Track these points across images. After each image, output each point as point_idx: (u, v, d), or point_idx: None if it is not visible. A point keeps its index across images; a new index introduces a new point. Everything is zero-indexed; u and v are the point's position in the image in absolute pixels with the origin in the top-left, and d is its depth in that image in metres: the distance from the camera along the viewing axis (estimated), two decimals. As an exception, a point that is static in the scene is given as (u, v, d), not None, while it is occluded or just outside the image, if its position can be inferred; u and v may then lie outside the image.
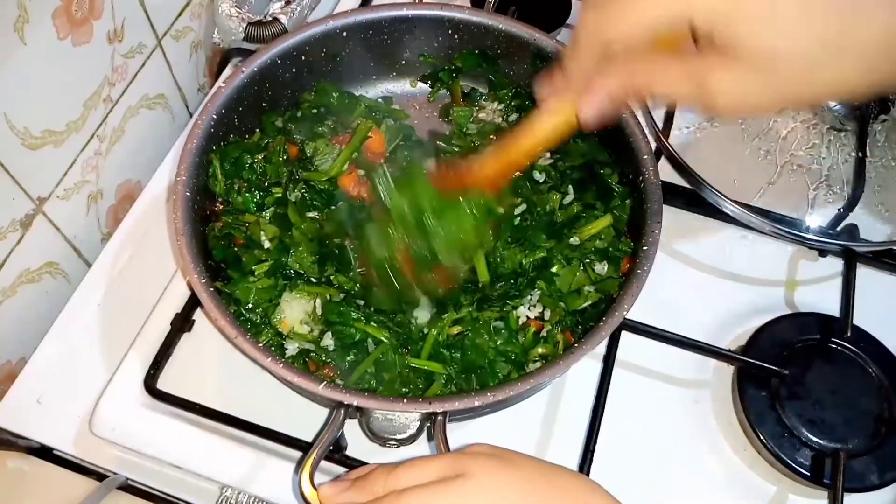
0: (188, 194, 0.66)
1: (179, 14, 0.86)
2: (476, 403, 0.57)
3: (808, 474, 0.68)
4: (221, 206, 0.73)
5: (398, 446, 0.58)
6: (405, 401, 0.57)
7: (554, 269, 0.69)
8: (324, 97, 0.79)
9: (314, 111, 0.78)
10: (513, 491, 0.49)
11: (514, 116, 0.81)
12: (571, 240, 0.71)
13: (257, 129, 0.77)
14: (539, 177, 0.75)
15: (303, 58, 0.77)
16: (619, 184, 0.73)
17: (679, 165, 0.80)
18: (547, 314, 0.68)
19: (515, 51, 0.79)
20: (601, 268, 0.69)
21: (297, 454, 0.67)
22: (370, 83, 0.85)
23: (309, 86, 0.80)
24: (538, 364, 0.66)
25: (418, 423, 0.58)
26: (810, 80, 0.41)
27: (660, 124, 0.82)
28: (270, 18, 0.87)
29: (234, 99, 0.73)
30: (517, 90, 0.81)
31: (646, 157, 0.70)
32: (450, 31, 0.79)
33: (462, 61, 0.81)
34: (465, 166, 0.61)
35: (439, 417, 0.57)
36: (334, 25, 0.77)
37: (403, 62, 0.83)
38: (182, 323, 0.72)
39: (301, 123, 0.77)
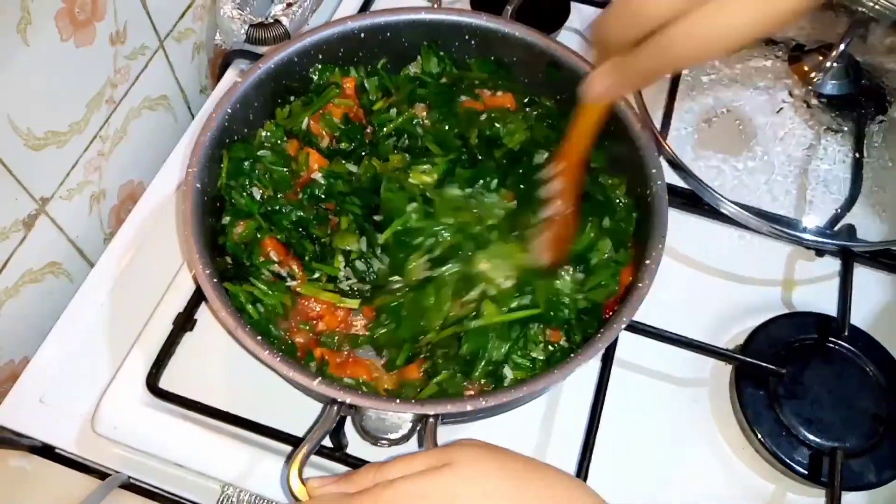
0: (198, 186, 0.67)
1: (181, 16, 0.87)
2: (468, 408, 0.57)
3: (806, 473, 0.68)
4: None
5: (389, 445, 0.58)
6: (398, 401, 0.57)
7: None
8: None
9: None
10: (499, 477, 0.50)
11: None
12: None
13: (266, 121, 0.77)
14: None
15: (319, 56, 0.77)
16: (626, 195, 0.73)
17: (677, 165, 0.80)
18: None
19: (531, 60, 0.79)
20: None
21: (299, 452, 0.68)
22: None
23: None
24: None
25: (410, 423, 0.58)
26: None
27: (658, 125, 0.82)
28: (272, 20, 0.88)
29: (249, 94, 0.73)
30: (532, 98, 0.81)
31: (654, 170, 0.69)
32: (466, 37, 0.80)
33: (478, 67, 0.82)
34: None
35: (430, 420, 0.57)
36: (352, 27, 0.77)
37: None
38: (184, 322, 0.72)
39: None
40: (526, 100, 0.81)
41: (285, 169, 0.74)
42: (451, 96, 0.79)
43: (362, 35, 0.78)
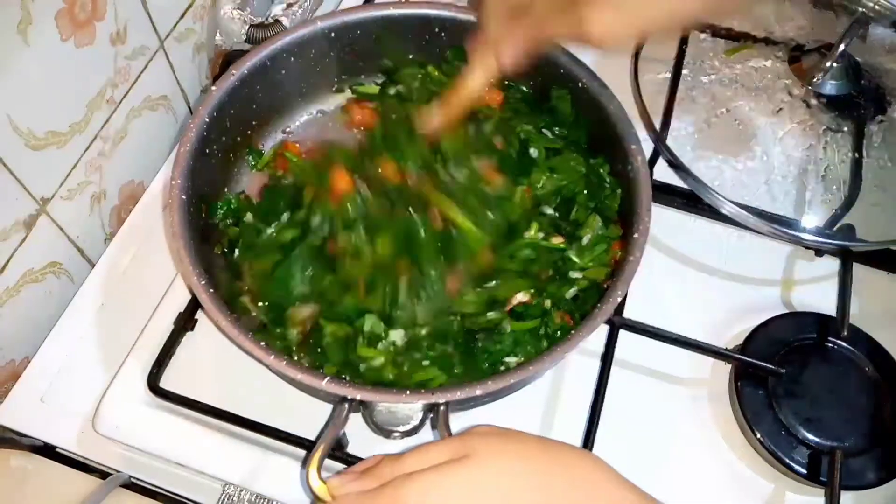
0: (184, 198, 0.67)
1: (182, 16, 0.87)
2: (478, 392, 0.58)
3: (805, 472, 0.68)
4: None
5: (402, 437, 0.59)
6: (408, 392, 0.58)
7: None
8: None
9: None
10: (517, 467, 0.50)
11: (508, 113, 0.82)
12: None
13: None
14: (534, 153, 0.77)
15: (292, 59, 0.78)
16: (610, 174, 0.75)
17: (676, 166, 0.80)
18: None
19: None
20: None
21: (301, 452, 0.68)
22: (359, 82, 0.86)
23: (299, 87, 0.82)
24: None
25: (421, 413, 0.59)
26: (656, 11, 0.56)
27: (657, 125, 0.82)
28: (272, 20, 0.88)
29: (226, 102, 0.73)
30: (509, 84, 0.82)
31: (633, 146, 0.71)
32: (437, 30, 0.80)
33: (453, 56, 0.82)
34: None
35: (442, 408, 0.58)
36: (322, 27, 0.78)
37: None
38: (185, 321, 0.73)
39: None
40: (504, 83, 0.82)
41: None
42: None
43: (332, 35, 0.79)
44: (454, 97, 0.70)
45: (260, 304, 0.70)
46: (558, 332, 0.67)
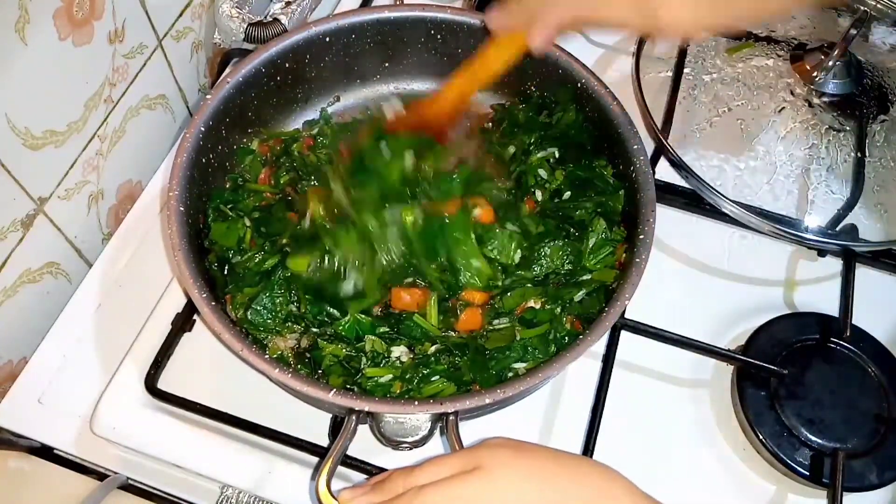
0: (181, 209, 0.66)
1: (180, 15, 0.87)
2: (487, 401, 0.57)
3: (808, 474, 0.68)
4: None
5: (410, 449, 0.58)
6: (417, 403, 0.57)
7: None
8: None
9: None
10: (529, 480, 0.50)
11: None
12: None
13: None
14: (543, 174, 0.76)
15: (286, 65, 0.78)
16: (613, 176, 0.75)
17: (679, 165, 0.80)
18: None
19: None
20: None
21: (299, 454, 0.67)
22: (354, 87, 0.86)
23: (295, 93, 0.81)
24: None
25: (429, 423, 0.58)
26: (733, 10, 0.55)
27: (659, 124, 0.82)
28: (271, 19, 0.88)
29: (220, 111, 0.73)
30: (522, 90, 0.82)
31: (635, 147, 0.71)
32: (432, 32, 0.80)
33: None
34: (426, 101, 0.70)
35: (451, 417, 0.57)
36: (317, 31, 0.77)
37: (387, 65, 0.84)
38: (183, 323, 0.72)
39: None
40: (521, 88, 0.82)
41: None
42: None
43: (328, 39, 0.78)
44: (474, 70, 0.67)
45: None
46: (566, 338, 0.67)
